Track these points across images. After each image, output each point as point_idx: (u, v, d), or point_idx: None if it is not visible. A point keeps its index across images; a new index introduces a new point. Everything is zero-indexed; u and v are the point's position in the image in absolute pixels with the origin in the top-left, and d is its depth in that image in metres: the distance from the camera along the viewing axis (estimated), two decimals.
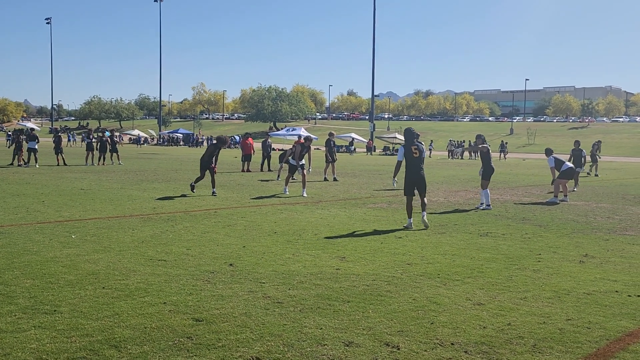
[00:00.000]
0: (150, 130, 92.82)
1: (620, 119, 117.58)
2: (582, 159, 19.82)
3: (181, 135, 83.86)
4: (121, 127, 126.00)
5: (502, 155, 52.46)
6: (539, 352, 4.45)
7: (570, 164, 15.97)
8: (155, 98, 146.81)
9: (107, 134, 33.86)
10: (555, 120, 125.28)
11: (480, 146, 14.23)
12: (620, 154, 62.14)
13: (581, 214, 13.02)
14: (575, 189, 18.43)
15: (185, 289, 5.96)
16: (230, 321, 4.98)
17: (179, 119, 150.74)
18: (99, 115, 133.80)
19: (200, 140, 78.87)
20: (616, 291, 6.28)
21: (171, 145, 79.63)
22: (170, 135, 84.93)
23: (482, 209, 13.33)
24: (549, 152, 16.53)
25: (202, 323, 4.91)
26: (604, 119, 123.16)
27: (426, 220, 10.45)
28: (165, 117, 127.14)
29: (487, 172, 13.97)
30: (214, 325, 4.87)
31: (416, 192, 10.74)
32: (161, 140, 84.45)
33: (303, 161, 16.64)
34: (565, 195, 15.71)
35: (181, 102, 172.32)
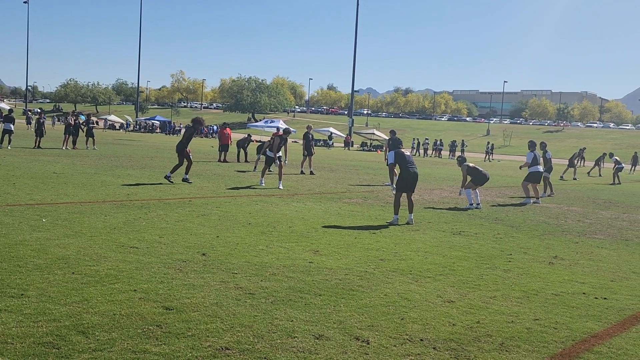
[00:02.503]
0: (127, 116, 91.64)
1: (595, 125, 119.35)
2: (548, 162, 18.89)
3: (158, 123, 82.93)
4: (97, 112, 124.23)
5: (488, 157, 52.27)
6: (506, 351, 4.51)
7: (540, 168, 15.96)
8: (133, 84, 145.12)
9: (82, 117, 33.34)
10: (531, 123, 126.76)
11: (461, 167, 14.23)
12: (593, 158, 63.16)
13: (552, 216, 13.21)
14: (545, 194, 18.19)
15: (156, 277, 5.91)
16: (201, 311, 4.95)
17: (156, 106, 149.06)
18: (74, 99, 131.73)
19: (178, 128, 78.12)
20: (583, 293, 6.39)
21: (147, 132, 78.74)
22: (147, 122, 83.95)
23: (475, 208, 13.50)
24: (531, 145, 16.15)
25: (172, 312, 4.88)
26: (579, 123, 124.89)
27: (413, 222, 10.79)
28: (143, 103, 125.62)
29: (476, 179, 13.96)
30: (184, 314, 4.84)
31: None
32: (137, 126, 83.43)
33: (280, 153, 16.60)
34: (538, 197, 15.88)
35: (159, 89, 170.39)
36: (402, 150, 11.16)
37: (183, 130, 71.78)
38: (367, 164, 31.53)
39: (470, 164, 14.23)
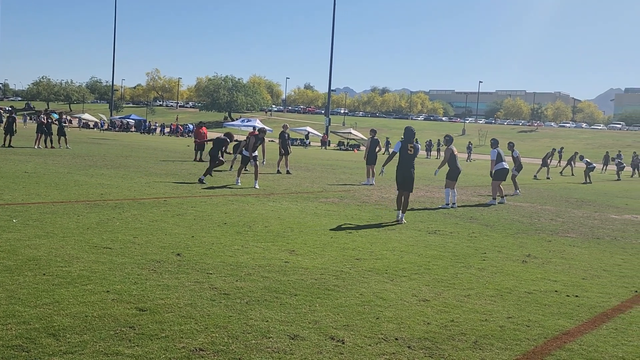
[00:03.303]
0: (101, 115, 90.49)
1: (567, 125, 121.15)
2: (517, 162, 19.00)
3: (133, 122, 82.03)
4: (71, 110, 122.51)
5: (468, 157, 51.84)
6: (480, 349, 4.55)
7: (505, 165, 16.01)
8: (107, 82, 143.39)
9: (55, 116, 32.86)
10: (505, 123, 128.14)
11: (447, 148, 14.34)
12: (565, 158, 64.06)
13: (526, 215, 13.37)
14: (516, 193, 18.34)
15: (129, 277, 5.84)
16: (175, 311, 4.90)
17: (131, 105, 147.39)
18: (47, 97, 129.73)
19: (153, 127, 77.36)
20: (555, 291, 6.48)
21: (122, 131, 77.84)
22: (122, 120, 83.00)
23: (450, 207, 13.59)
24: (494, 143, 16.29)
25: (146, 313, 4.83)
26: (552, 123, 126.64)
27: (404, 222, 10.94)
28: (117, 102, 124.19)
29: (451, 172, 14.11)
30: (157, 315, 4.79)
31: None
32: (112, 125, 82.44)
33: (256, 153, 16.54)
34: (503, 197, 15.86)
35: (134, 88, 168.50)
36: (411, 147, 11.22)
37: (159, 131, 71.09)
38: (344, 164, 31.58)
39: (455, 151, 14.36)
